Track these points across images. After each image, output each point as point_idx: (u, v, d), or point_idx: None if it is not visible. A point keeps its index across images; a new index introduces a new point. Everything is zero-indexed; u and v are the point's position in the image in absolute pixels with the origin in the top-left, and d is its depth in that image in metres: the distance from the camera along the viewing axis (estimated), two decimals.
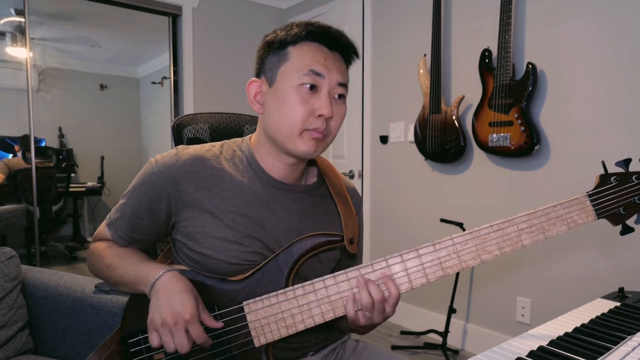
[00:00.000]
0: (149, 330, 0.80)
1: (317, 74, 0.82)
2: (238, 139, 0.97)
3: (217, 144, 0.94)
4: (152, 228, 0.90)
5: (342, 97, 0.86)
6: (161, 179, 0.86)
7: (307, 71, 0.81)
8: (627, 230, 0.82)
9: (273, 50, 0.85)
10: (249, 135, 0.96)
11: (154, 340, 0.78)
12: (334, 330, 1.02)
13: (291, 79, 0.82)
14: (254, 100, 0.89)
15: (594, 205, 0.80)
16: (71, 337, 1.31)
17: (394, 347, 2.51)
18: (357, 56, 0.90)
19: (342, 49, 0.86)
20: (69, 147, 4.98)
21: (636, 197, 0.80)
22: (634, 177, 0.80)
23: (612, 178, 0.81)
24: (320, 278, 0.81)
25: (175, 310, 0.76)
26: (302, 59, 0.82)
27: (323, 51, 0.84)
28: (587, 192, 0.80)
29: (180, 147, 0.90)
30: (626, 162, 0.81)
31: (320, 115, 0.82)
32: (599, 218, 0.80)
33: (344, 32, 0.87)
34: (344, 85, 0.86)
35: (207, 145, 0.92)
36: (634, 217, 0.81)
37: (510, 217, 0.79)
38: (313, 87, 0.82)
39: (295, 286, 0.81)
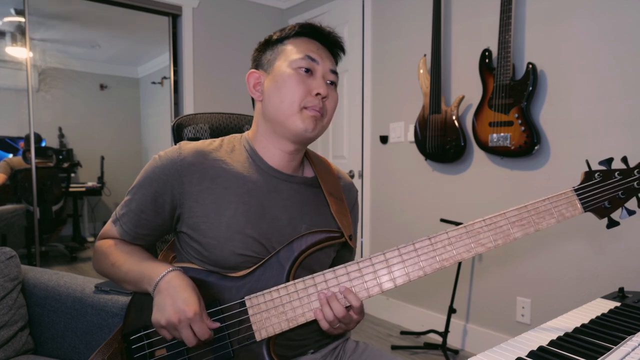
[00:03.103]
0: (156, 329, 0.82)
1: (312, 59, 0.90)
2: (237, 134, 1.02)
3: (217, 139, 0.98)
4: (157, 222, 0.92)
5: (333, 84, 0.94)
6: (165, 172, 0.89)
7: (303, 55, 0.90)
8: (612, 223, 0.86)
9: (269, 47, 0.95)
10: (246, 132, 1.01)
11: (166, 337, 0.82)
12: None
13: (288, 62, 0.90)
14: (253, 89, 0.95)
15: (580, 200, 0.84)
16: (71, 337, 1.31)
17: (394, 347, 2.51)
18: (344, 52, 0.99)
19: (331, 45, 0.96)
20: (69, 147, 4.98)
21: (619, 192, 0.85)
22: (616, 173, 0.85)
23: (596, 174, 0.86)
24: (320, 272, 0.83)
25: (179, 308, 0.78)
26: (297, 47, 0.91)
27: (315, 44, 0.93)
28: (574, 187, 0.85)
29: (183, 142, 0.94)
30: (609, 161, 0.86)
31: (317, 94, 0.89)
32: (585, 211, 0.85)
33: (333, 30, 0.97)
34: (336, 72, 0.94)
35: (207, 140, 0.97)
36: (619, 211, 0.86)
37: (502, 212, 0.84)
38: (308, 70, 0.90)
39: (296, 280, 0.83)
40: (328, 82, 0.92)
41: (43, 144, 4.53)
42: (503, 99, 2.16)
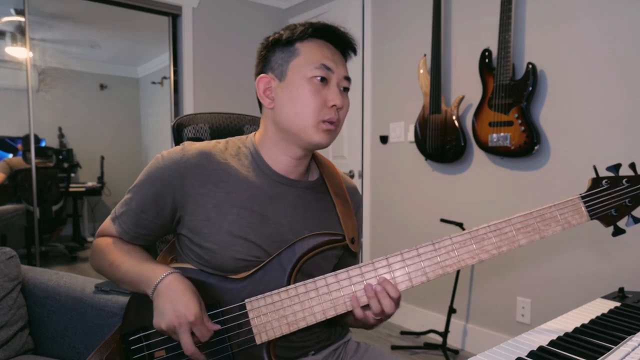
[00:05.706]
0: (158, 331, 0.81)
1: (328, 69, 0.87)
2: (242, 136, 0.99)
3: (222, 140, 0.96)
4: (157, 223, 0.90)
5: (346, 90, 0.92)
6: (167, 173, 0.87)
7: (319, 65, 0.86)
8: (618, 231, 0.85)
9: (280, 47, 0.89)
10: (253, 133, 0.99)
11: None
12: (335, 328, 1.02)
13: (303, 71, 0.86)
14: (263, 95, 0.91)
15: (587, 207, 0.83)
16: (71, 337, 1.31)
17: (394, 347, 2.51)
18: (355, 53, 0.96)
19: (345, 46, 0.93)
20: (69, 147, 4.98)
21: (627, 200, 0.83)
22: (624, 180, 0.84)
23: (604, 181, 0.84)
24: (322, 276, 0.82)
25: (180, 313, 0.77)
26: (312, 54, 0.87)
27: (329, 47, 0.90)
28: (581, 194, 0.83)
29: (187, 142, 0.92)
30: (616, 167, 0.85)
31: (333, 106, 0.87)
32: (591, 219, 0.83)
33: (346, 30, 0.93)
34: (349, 79, 0.92)
35: (212, 142, 0.94)
36: (625, 219, 0.84)
37: (507, 218, 0.81)
38: (324, 80, 0.87)
39: (297, 284, 0.82)
40: (341, 88, 0.90)
41: (43, 144, 4.53)
42: (503, 99, 2.16)
